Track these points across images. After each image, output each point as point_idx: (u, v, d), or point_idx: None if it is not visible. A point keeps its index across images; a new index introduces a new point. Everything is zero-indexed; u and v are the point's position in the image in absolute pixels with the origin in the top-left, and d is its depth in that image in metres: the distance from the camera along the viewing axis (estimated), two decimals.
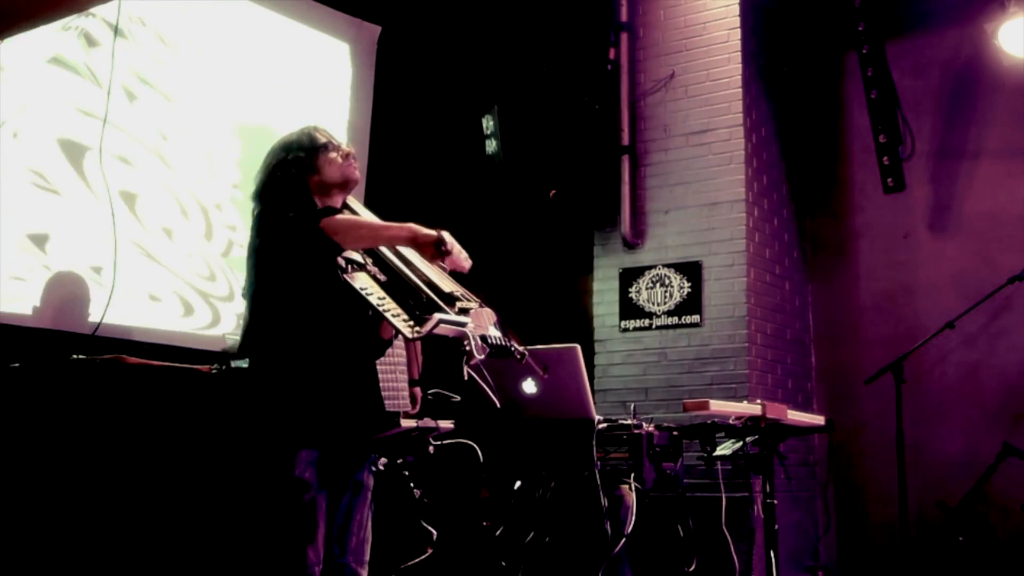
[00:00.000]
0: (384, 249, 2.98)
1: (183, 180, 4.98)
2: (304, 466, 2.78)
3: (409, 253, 2.97)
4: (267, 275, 2.97)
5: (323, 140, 3.11)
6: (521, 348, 2.89)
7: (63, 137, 4.49)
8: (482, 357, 2.70)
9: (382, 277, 2.95)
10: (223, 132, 5.22)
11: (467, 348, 2.68)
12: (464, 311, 2.74)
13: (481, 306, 2.83)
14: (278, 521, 2.76)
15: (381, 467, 3.17)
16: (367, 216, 3.15)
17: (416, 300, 2.79)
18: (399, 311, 2.77)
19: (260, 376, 2.90)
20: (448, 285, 2.84)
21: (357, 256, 2.98)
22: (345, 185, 3.10)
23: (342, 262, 2.94)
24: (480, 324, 2.78)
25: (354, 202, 3.23)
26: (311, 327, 2.89)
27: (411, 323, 2.70)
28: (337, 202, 3.09)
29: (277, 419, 2.81)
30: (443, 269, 2.99)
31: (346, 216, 2.98)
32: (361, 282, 2.87)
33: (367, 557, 2.95)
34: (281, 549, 2.74)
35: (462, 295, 2.80)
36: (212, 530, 3.53)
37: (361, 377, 2.97)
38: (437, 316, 2.67)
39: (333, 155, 3.07)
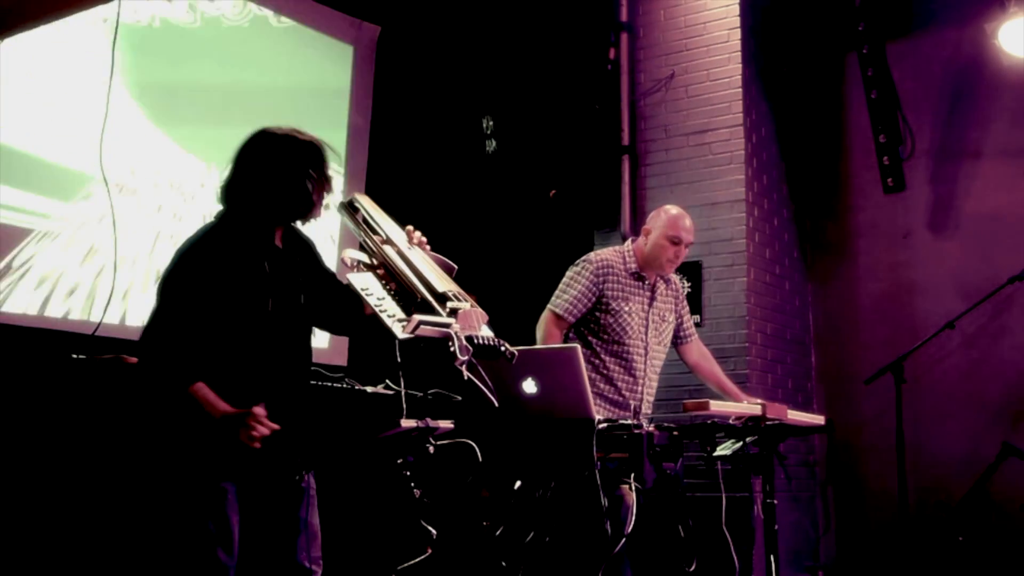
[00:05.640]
0: (386, 248, 2.97)
1: (183, 179, 4.98)
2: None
3: (411, 252, 2.96)
4: None
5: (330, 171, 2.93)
6: (512, 349, 2.89)
7: (62, 136, 4.49)
8: (466, 358, 2.69)
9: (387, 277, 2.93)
10: (223, 133, 5.22)
11: (452, 349, 2.68)
12: (454, 312, 2.73)
13: (473, 307, 2.81)
14: (186, 521, 2.74)
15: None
16: (381, 218, 3.10)
17: (412, 301, 2.79)
18: (395, 311, 2.77)
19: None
20: (443, 285, 2.83)
21: (365, 257, 2.97)
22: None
23: (349, 261, 2.92)
24: (470, 325, 2.77)
25: (366, 201, 3.17)
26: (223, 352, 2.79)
27: (403, 324, 2.70)
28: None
29: (195, 436, 2.77)
30: (451, 268, 2.98)
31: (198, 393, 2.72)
32: (363, 283, 2.87)
33: (319, 553, 2.95)
34: (189, 550, 2.72)
35: (454, 295, 2.79)
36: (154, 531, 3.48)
37: (286, 403, 2.88)
38: (417, 318, 2.67)
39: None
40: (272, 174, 2.83)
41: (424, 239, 3.02)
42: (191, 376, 2.69)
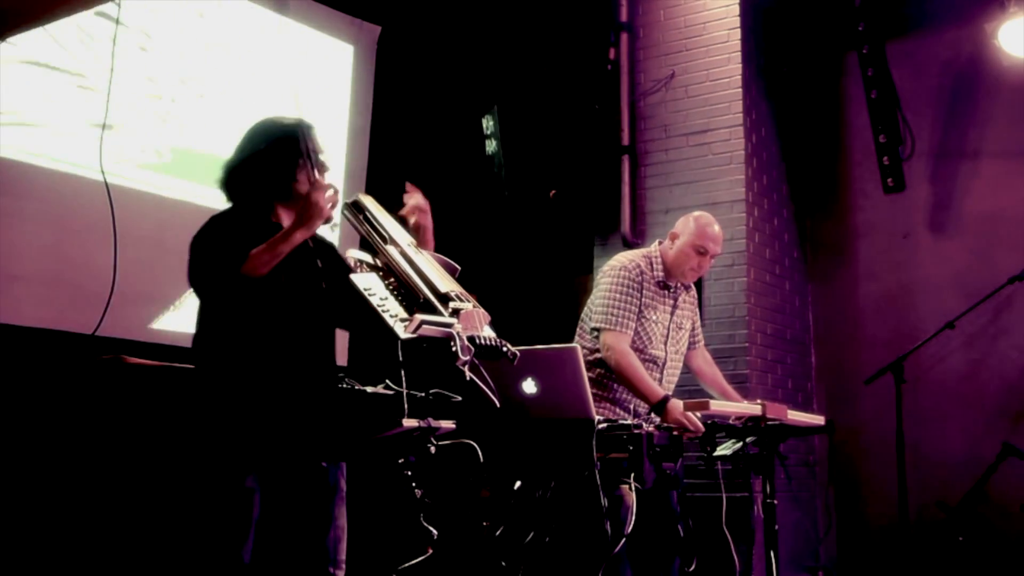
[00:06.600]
0: (390, 249, 2.97)
1: (183, 180, 4.98)
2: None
3: (413, 252, 2.96)
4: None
5: (321, 154, 3.04)
6: (514, 349, 2.89)
7: (62, 137, 4.49)
8: (467, 358, 2.69)
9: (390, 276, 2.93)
10: (223, 133, 5.22)
11: (453, 349, 2.68)
12: (456, 312, 2.74)
13: (475, 307, 2.82)
14: (211, 521, 2.75)
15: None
16: (384, 218, 3.10)
17: (414, 301, 2.80)
18: (397, 311, 2.77)
19: (206, 384, 2.88)
20: (446, 285, 2.84)
21: (368, 257, 2.98)
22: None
23: (351, 262, 2.94)
24: (472, 325, 2.77)
25: (370, 201, 3.18)
26: (255, 339, 2.84)
27: (405, 324, 2.70)
28: (291, 216, 3.00)
29: (221, 428, 2.79)
30: (455, 269, 2.99)
31: (257, 251, 2.84)
32: (366, 282, 2.87)
33: (343, 556, 2.97)
34: (214, 550, 2.74)
35: (457, 295, 2.80)
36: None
37: (309, 393, 2.93)
38: (419, 317, 2.68)
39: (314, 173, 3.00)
40: (256, 152, 2.99)
41: (426, 206, 3.05)
42: (242, 256, 2.77)
